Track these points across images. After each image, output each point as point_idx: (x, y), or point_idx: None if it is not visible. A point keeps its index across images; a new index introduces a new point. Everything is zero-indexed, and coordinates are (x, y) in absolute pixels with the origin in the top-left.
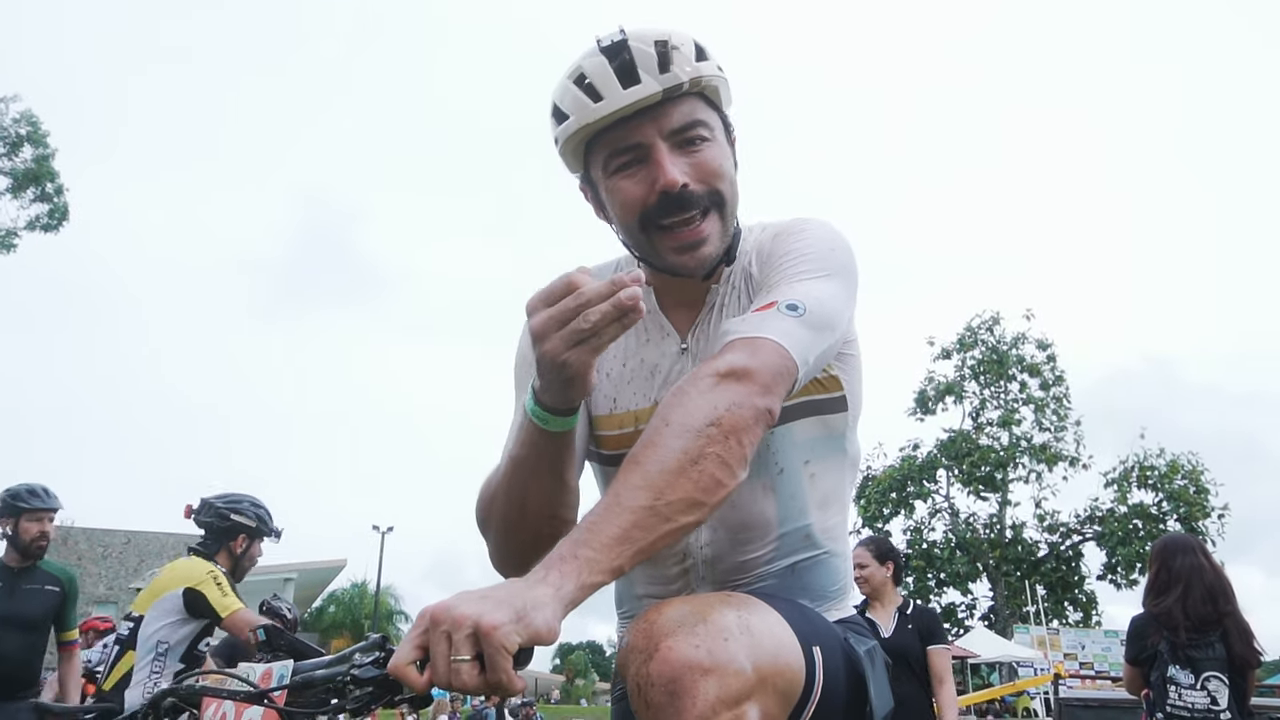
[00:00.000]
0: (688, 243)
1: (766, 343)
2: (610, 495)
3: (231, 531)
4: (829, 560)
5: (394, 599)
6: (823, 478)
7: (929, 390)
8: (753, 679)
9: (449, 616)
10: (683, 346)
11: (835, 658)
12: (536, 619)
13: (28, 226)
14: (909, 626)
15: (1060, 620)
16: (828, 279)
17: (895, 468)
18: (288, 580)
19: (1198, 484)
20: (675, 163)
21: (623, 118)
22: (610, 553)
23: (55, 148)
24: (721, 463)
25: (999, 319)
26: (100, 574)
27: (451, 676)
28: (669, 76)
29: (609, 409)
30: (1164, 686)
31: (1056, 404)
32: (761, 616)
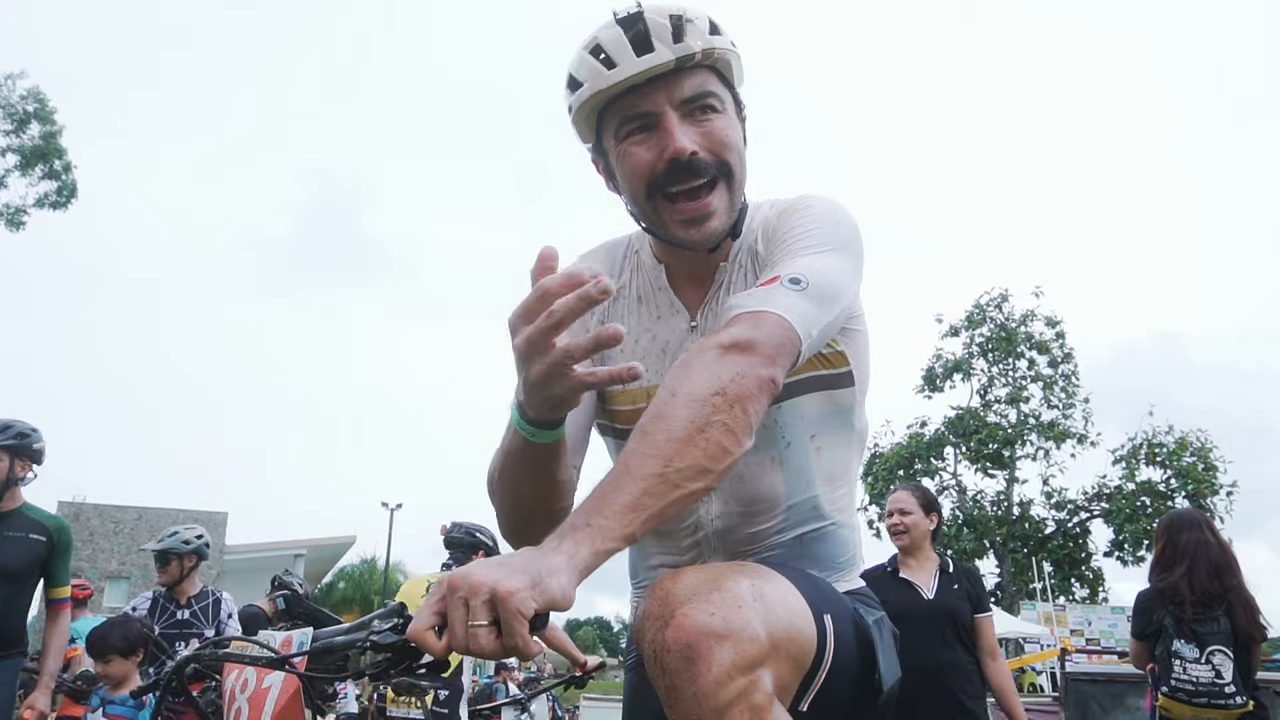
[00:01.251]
0: (694, 216)
1: (770, 315)
2: (620, 464)
3: (474, 547)
4: (836, 531)
5: (403, 575)
6: (830, 452)
7: (937, 367)
8: (766, 645)
9: (466, 583)
10: (692, 324)
11: (846, 627)
12: (552, 585)
13: (36, 204)
14: (955, 586)
15: (1067, 597)
16: (832, 253)
17: (903, 445)
18: (298, 556)
19: (1206, 461)
20: (685, 131)
21: (635, 86)
22: (622, 520)
23: (62, 125)
24: (728, 430)
25: (1008, 296)
26: (113, 549)
27: (469, 641)
28: (682, 46)
29: (620, 385)
30: (1169, 661)
31: (1065, 381)
32: (774, 585)
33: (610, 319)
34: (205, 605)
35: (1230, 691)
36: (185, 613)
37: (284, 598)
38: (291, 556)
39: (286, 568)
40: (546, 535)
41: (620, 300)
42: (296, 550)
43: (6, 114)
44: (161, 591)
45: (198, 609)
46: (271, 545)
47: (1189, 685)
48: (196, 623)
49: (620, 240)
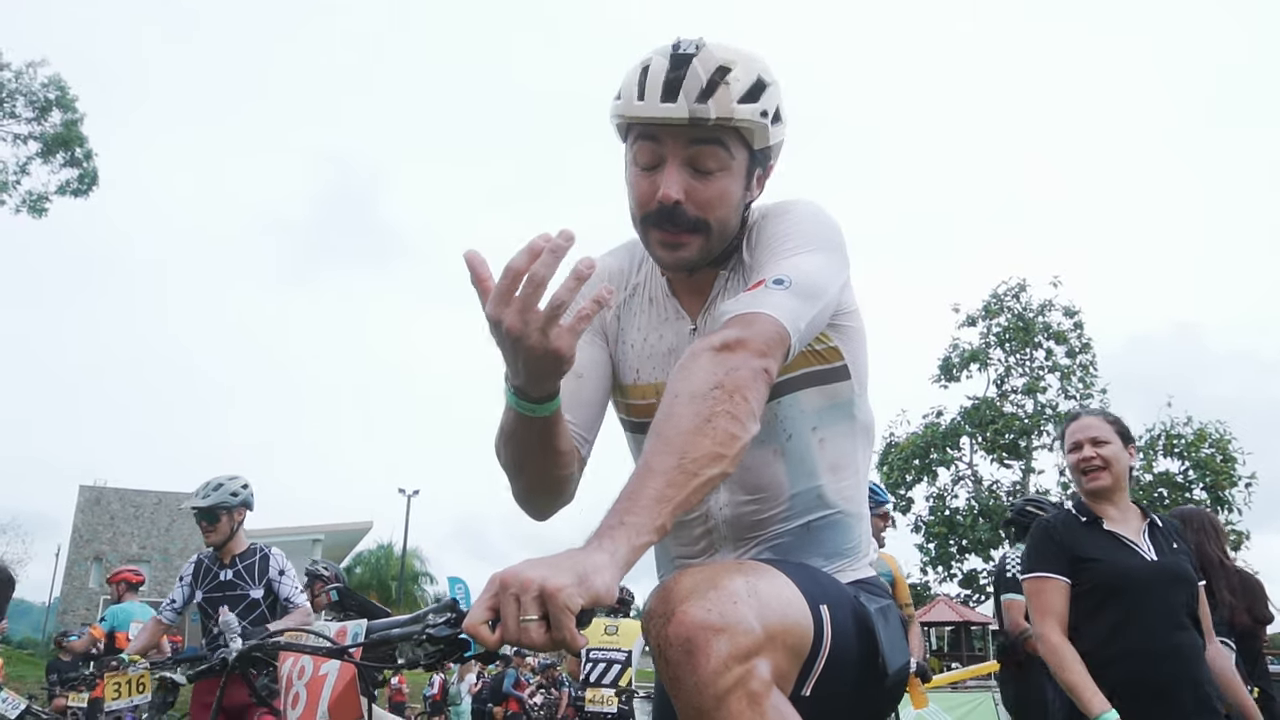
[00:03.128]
0: (669, 242)
1: (756, 315)
2: (641, 465)
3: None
4: (842, 520)
5: (419, 561)
6: (833, 443)
7: (953, 357)
8: (761, 636)
9: (517, 580)
10: (693, 328)
11: (844, 615)
12: (596, 582)
13: (58, 191)
14: (1174, 545)
15: None
16: (812, 252)
17: (918, 434)
18: (316, 541)
19: (1225, 452)
20: (679, 181)
21: (653, 122)
22: (651, 513)
23: (83, 113)
24: (732, 418)
25: (1025, 286)
26: (133, 533)
27: (521, 635)
28: (700, 108)
29: (633, 379)
30: None
31: (1083, 371)
32: (769, 581)
33: (626, 316)
34: (251, 564)
35: None
36: (228, 573)
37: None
38: (309, 541)
39: (313, 558)
40: (550, 502)
41: (636, 297)
42: (314, 535)
43: (28, 101)
44: (208, 553)
45: (241, 568)
46: (289, 530)
47: None
48: (240, 583)
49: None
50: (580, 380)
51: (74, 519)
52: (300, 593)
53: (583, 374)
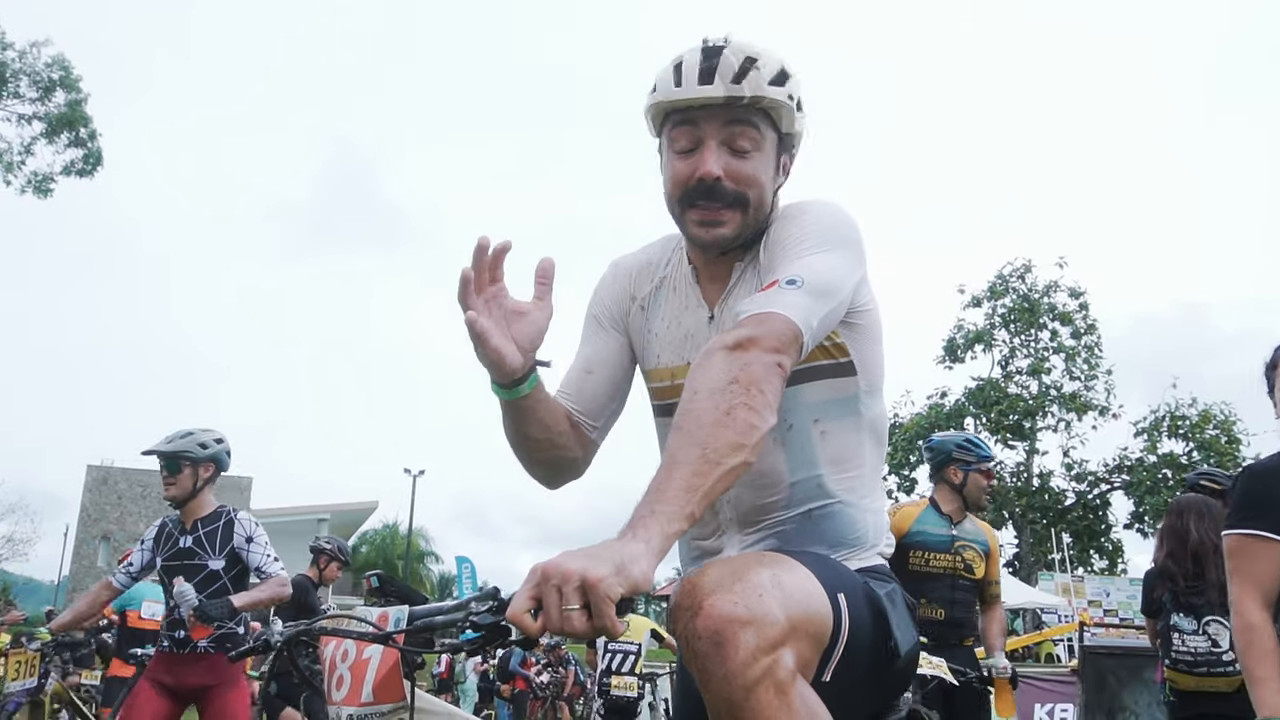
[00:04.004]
0: (708, 220)
1: (771, 314)
2: (667, 458)
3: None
4: (844, 510)
5: (425, 540)
6: (835, 436)
7: (958, 338)
8: (786, 627)
9: (559, 571)
10: (710, 316)
11: (859, 602)
12: (634, 571)
13: (63, 172)
14: None
15: (1085, 568)
16: (826, 252)
17: (923, 415)
18: (321, 520)
19: (1229, 434)
20: (719, 158)
21: (691, 107)
22: (680, 502)
23: (88, 92)
24: (750, 409)
25: (1031, 267)
26: (140, 512)
27: (563, 623)
28: (737, 88)
29: (654, 364)
30: (1169, 634)
31: (1088, 353)
32: (791, 572)
33: (652, 307)
34: (213, 530)
35: (1229, 659)
36: (188, 539)
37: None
38: (315, 521)
39: (316, 534)
40: (552, 475)
41: (663, 289)
42: (320, 515)
43: (32, 81)
44: (173, 517)
45: (203, 534)
46: (295, 510)
47: (1188, 656)
48: (200, 551)
49: (674, 235)
50: (589, 375)
51: (82, 498)
52: (273, 561)
53: (592, 369)
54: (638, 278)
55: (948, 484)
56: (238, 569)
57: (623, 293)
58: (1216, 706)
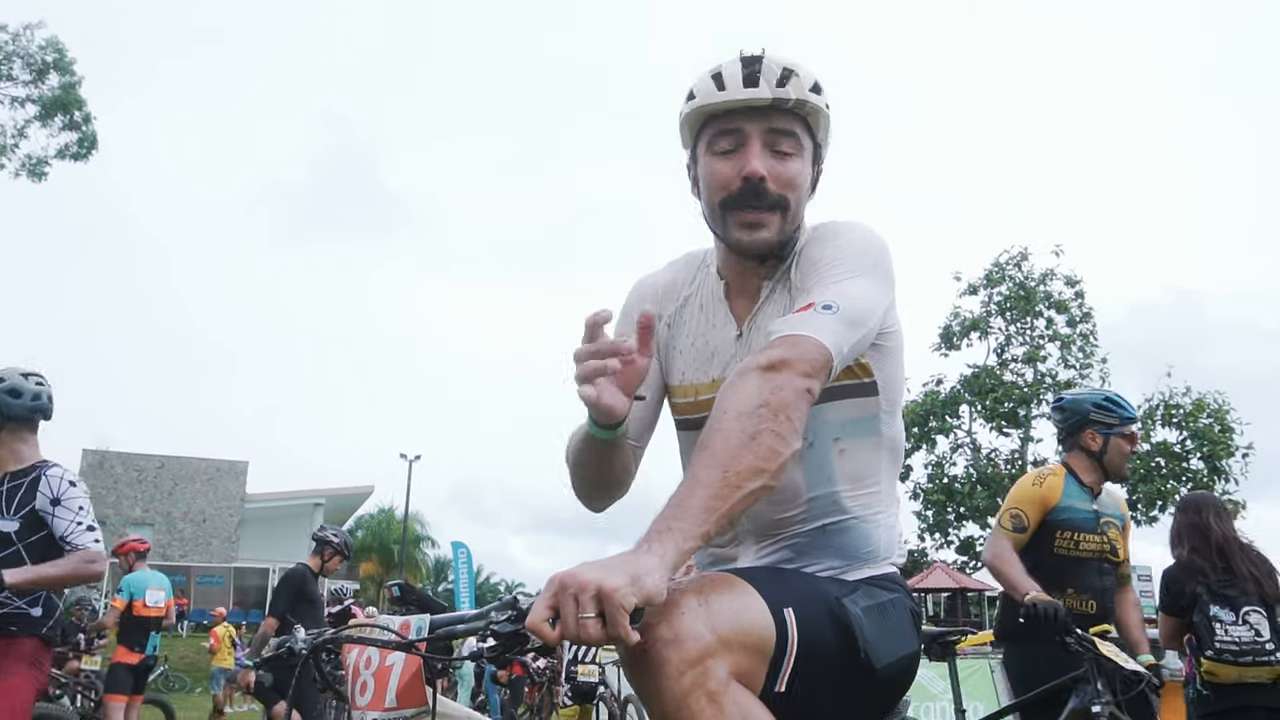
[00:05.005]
0: (751, 221)
1: (804, 338)
2: (690, 475)
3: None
4: (859, 526)
5: (420, 525)
6: (854, 454)
7: (954, 325)
8: (712, 642)
9: (575, 581)
10: (738, 334)
11: (813, 615)
12: (648, 582)
13: (57, 155)
14: None
15: None
16: (860, 278)
17: (918, 402)
18: (317, 505)
19: (1223, 423)
20: (763, 160)
21: (733, 110)
22: (697, 521)
23: (82, 75)
24: (776, 435)
25: (1027, 254)
26: (136, 497)
27: (580, 631)
28: (782, 91)
29: (679, 380)
30: (1209, 625)
31: (1083, 341)
32: (726, 591)
33: (677, 324)
34: (17, 486)
35: (1271, 648)
36: None
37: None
38: (311, 506)
39: (315, 520)
40: (605, 501)
41: (687, 307)
42: (316, 500)
43: (25, 64)
44: None
45: (5, 489)
46: (291, 494)
47: (1233, 646)
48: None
49: (699, 252)
50: (639, 401)
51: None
52: (85, 531)
53: (644, 395)
54: (663, 296)
55: (1084, 451)
56: (38, 535)
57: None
58: (1257, 698)
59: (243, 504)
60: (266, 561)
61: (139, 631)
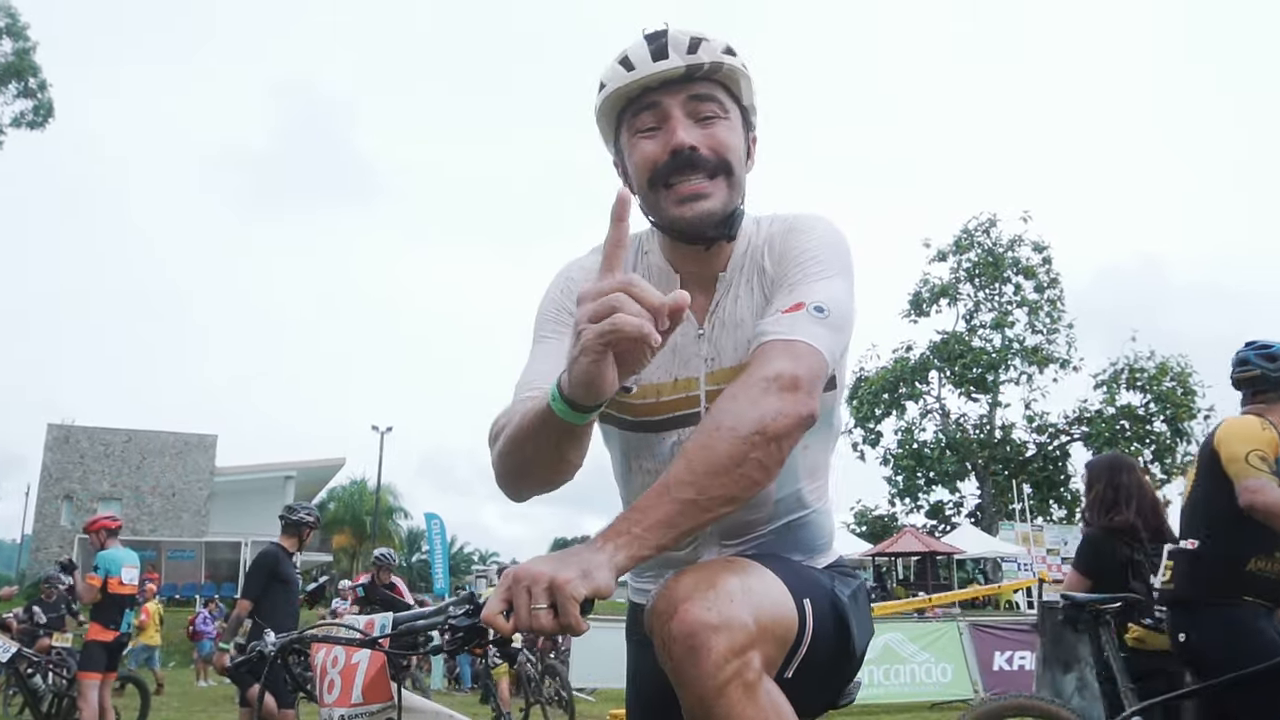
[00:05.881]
0: (689, 195)
1: (803, 346)
2: (662, 483)
3: None
4: (815, 518)
5: (393, 496)
6: (813, 449)
7: (923, 292)
8: (754, 630)
9: (528, 574)
10: (699, 332)
11: (823, 606)
12: (598, 576)
13: (13, 123)
14: None
15: (1045, 517)
16: (838, 278)
17: (888, 369)
18: (288, 478)
19: (1185, 386)
20: (689, 130)
21: (649, 88)
22: (656, 533)
23: (36, 41)
24: (760, 466)
25: (995, 221)
26: (104, 471)
27: (532, 621)
28: (694, 58)
29: (634, 382)
30: (1150, 595)
31: (1050, 306)
32: (760, 578)
33: None
34: None
35: None
36: None
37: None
38: (282, 479)
39: (287, 500)
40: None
41: None
42: (286, 472)
43: None
44: None
45: None
46: (262, 467)
47: None
48: None
49: (631, 236)
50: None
51: (43, 458)
52: None
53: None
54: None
55: None
56: None
57: None
58: (1167, 662)
59: (212, 477)
60: (238, 535)
61: (114, 609)
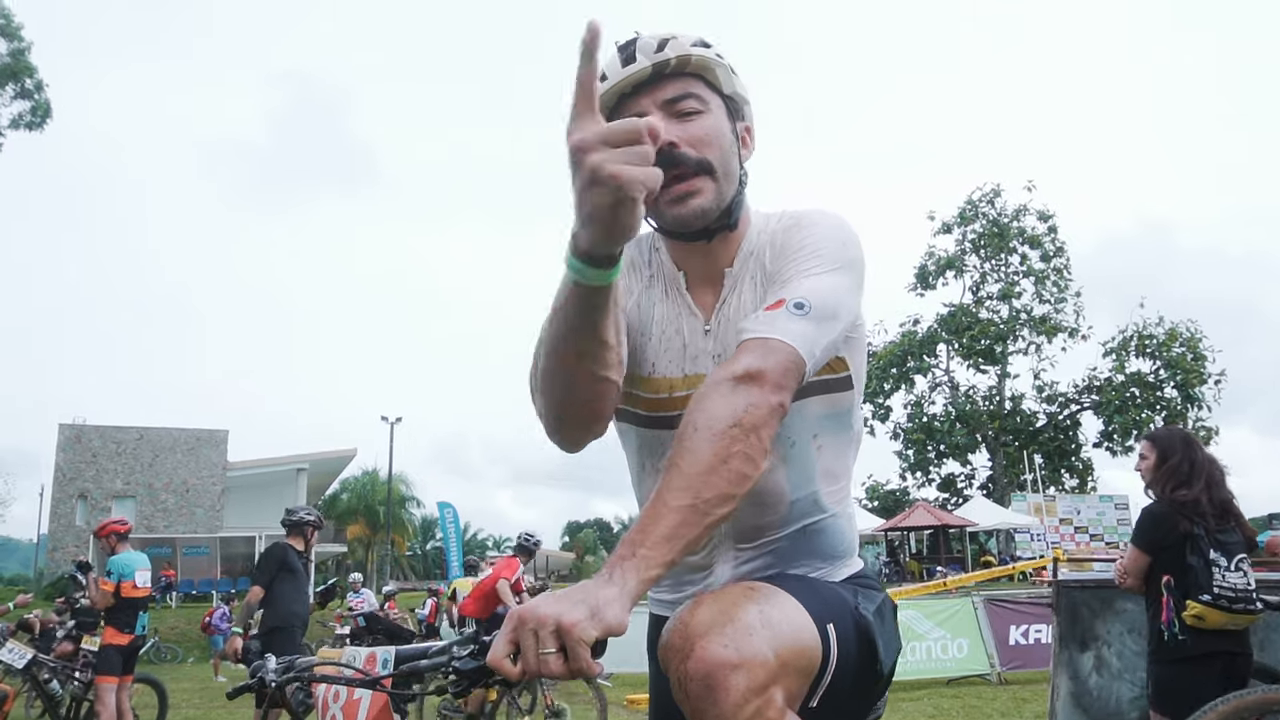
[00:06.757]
0: (678, 194)
1: (776, 342)
2: (657, 497)
3: None
4: (834, 523)
5: (405, 485)
6: (829, 450)
7: (929, 265)
8: (775, 666)
9: (534, 616)
10: (706, 328)
11: (847, 628)
12: (608, 614)
13: (11, 125)
14: None
15: (1057, 487)
16: (833, 273)
17: (895, 343)
18: (300, 471)
19: (1195, 351)
20: (668, 128)
21: (624, 94)
22: (661, 549)
23: (30, 41)
24: (747, 458)
25: (1000, 191)
26: (117, 469)
27: (540, 666)
28: (660, 55)
29: (649, 371)
30: (1209, 570)
31: (1057, 275)
32: (780, 606)
33: (645, 304)
34: None
35: (1255, 597)
36: None
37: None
38: (295, 471)
39: (298, 494)
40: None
41: (653, 287)
42: (299, 465)
43: None
44: None
45: None
46: (274, 461)
47: (1230, 592)
48: None
49: (646, 232)
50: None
51: (56, 458)
52: None
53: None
54: (629, 272)
55: None
56: None
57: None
58: (1230, 643)
59: (225, 472)
60: (252, 529)
61: (128, 612)
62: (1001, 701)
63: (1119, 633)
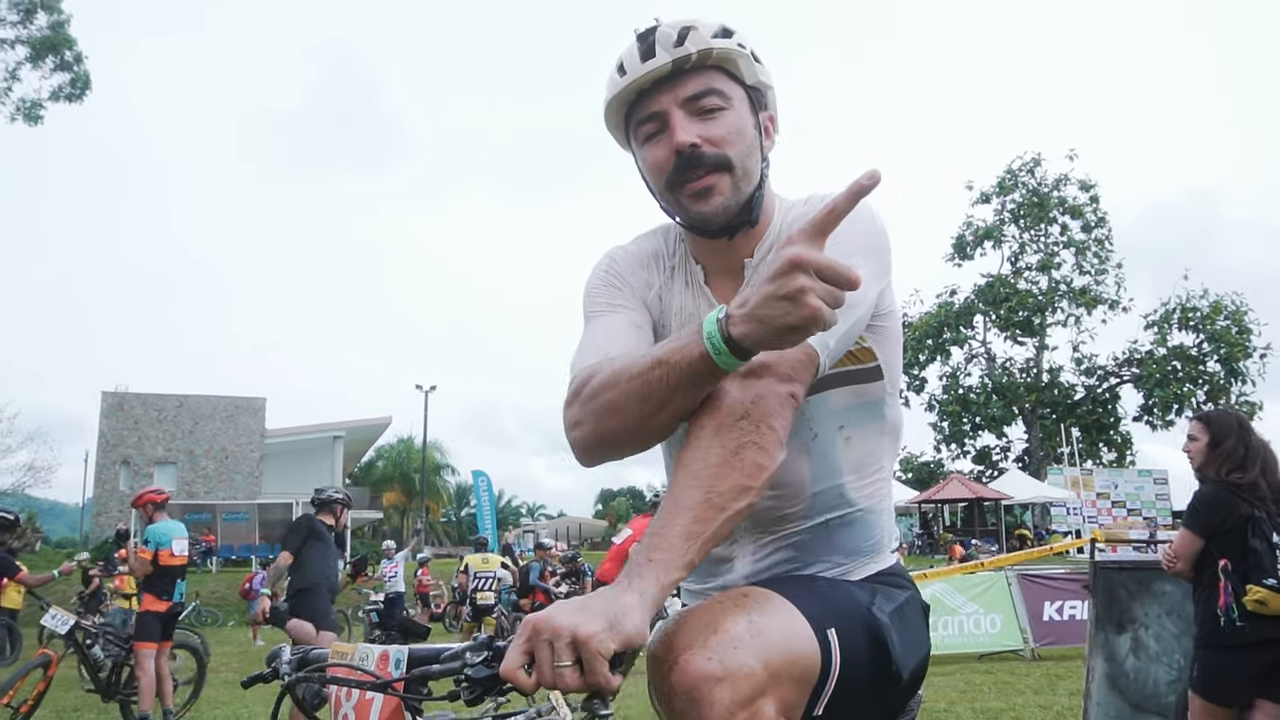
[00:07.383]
0: (699, 190)
1: None
2: (670, 499)
3: None
4: (863, 518)
5: (440, 453)
6: (858, 442)
7: (967, 235)
8: (764, 677)
9: (549, 627)
10: None
11: (853, 631)
12: (627, 625)
13: (51, 97)
14: None
15: (1094, 461)
16: (851, 259)
17: (932, 314)
18: (337, 438)
19: (1240, 324)
20: (689, 127)
21: (644, 90)
22: (679, 551)
23: (70, 13)
24: (759, 449)
25: (1040, 160)
26: (158, 436)
27: (555, 679)
28: (680, 50)
29: None
30: (1273, 554)
31: (1098, 246)
32: (773, 614)
33: (667, 297)
34: None
35: None
36: None
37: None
38: (330, 439)
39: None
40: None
41: (675, 280)
42: (335, 432)
43: (12, 4)
44: None
45: None
46: (310, 428)
47: None
48: None
49: (666, 224)
50: (640, 330)
51: (99, 425)
52: None
53: (641, 325)
54: (651, 263)
55: None
56: None
57: (640, 278)
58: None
59: (263, 439)
60: (290, 496)
61: (166, 580)
62: (1035, 678)
63: (1157, 615)
